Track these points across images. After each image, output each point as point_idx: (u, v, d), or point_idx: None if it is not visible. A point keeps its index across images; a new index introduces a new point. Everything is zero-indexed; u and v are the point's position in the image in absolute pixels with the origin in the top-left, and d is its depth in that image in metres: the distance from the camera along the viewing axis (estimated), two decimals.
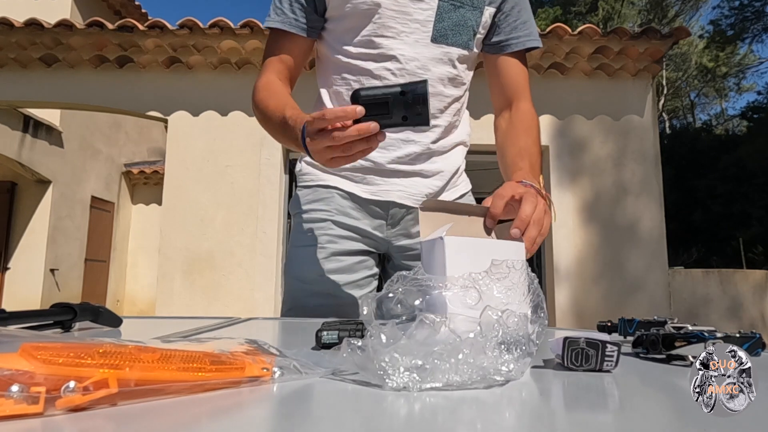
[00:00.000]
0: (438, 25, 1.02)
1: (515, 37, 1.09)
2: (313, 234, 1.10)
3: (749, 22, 17.30)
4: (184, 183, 4.57)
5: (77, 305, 0.68)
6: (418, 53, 1.02)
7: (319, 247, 1.09)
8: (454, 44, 1.04)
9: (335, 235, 1.09)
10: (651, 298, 4.49)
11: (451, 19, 1.03)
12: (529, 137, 1.03)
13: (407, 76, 1.02)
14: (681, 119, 21.09)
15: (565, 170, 4.65)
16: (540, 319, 0.48)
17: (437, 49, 1.03)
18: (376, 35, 1.01)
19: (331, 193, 1.10)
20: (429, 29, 1.02)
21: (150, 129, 10.26)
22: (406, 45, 1.02)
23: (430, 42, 1.02)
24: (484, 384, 0.40)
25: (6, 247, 7.60)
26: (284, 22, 1.04)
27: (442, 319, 0.41)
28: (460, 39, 1.05)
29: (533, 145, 1.01)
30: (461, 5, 1.03)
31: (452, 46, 1.04)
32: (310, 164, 1.15)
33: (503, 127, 1.09)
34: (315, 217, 1.11)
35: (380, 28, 1.01)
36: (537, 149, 1.02)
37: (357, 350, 0.39)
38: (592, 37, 4.44)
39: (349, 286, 1.07)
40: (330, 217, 1.09)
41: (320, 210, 1.10)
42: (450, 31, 1.03)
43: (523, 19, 1.10)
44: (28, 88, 4.79)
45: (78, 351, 0.32)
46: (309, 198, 1.13)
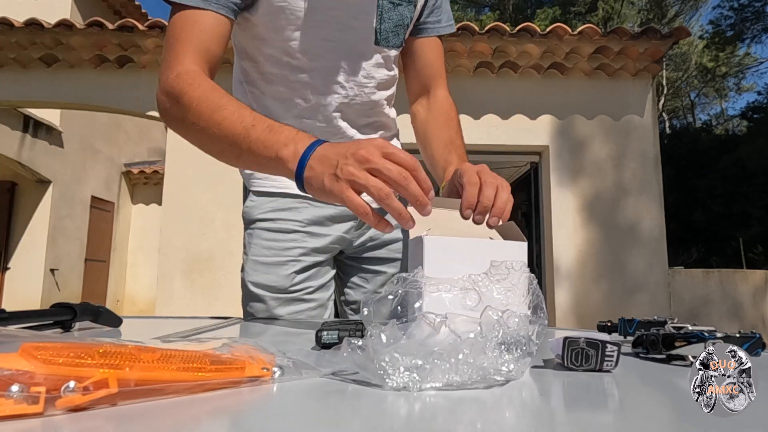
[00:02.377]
0: (380, 26, 0.97)
1: (431, 22, 1.06)
2: (283, 245, 1.03)
3: (749, 22, 17.30)
4: (184, 183, 4.57)
5: (77, 305, 0.69)
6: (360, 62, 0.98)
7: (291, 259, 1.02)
8: (394, 46, 1.01)
9: (310, 247, 1.04)
10: (651, 298, 4.49)
11: (391, 19, 0.97)
12: (450, 128, 1.01)
13: (356, 87, 0.99)
14: (681, 119, 21.10)
15: (565, 170, 4.65)
16: (540, 319, 0.48)
17: (378, 54, 0.99)
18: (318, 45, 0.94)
19: (302, 203, 1.04)
20: (371, 34, 0.97)
21: (150, 129, 10.26)
22: (351, 54, 0.97)
23: (373, 45, 0.98)
24: (484, 384, 0.40)
25: (6, 247, 7.60)
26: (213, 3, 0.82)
27: (443, 318, 0.41)
28: (399, 40, 1.01)
29: (456, 136, 1.00)
30: (400, 3, 0.98)
31: (393, 48, 1.01)
32: None
33: (422, 114, 1.08)
34: (284, 227, 1.03)
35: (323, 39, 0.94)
36: (460, 140, 1.00)
37: (357, 350, 0.40)
38: (592, 37, 4.44)
39: (320, 289, 1.06)
40: (302, 227, 1.03)
41: (290, 220, 1.03)
42: (391, 33, 0.99)
43: (439, 4, 1.06)
44: (28, 88, 4.79)
45: (78, 351, 0.32)
46: (273, 206, 1.05)
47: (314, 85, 0.97)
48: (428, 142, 1.01)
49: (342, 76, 0.97)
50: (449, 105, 1.07)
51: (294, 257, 1.03)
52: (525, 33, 4.38)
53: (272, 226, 1.04)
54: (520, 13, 17.95)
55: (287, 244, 1.03)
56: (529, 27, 4.44)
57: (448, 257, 0.62)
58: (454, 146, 0.97)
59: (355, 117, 1.03)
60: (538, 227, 4.90)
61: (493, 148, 4.61)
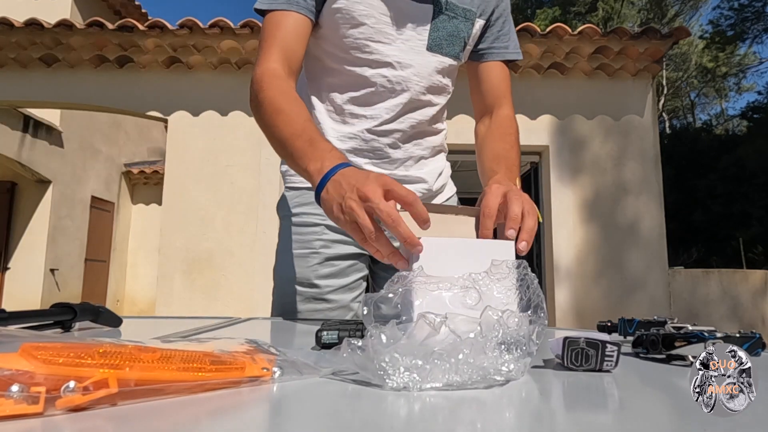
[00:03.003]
0: (433, 34, 1.02)
1: (497, 47, 1.10)
2: (306, 238, 1.08)
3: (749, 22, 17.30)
4: (184, 183, 4.57)
5: (77, 305, 0.69)
6: (413, 60, 1.01)
7: (312, 251, 1.07)
8: (447, 54, 1.04)
9: (329, 239, 1.07)
10: (651, 298, 4.49)
11: (445, 29, 1.02)
12: (505, 142, 1.03)
13: (403, 83, 1.01)
14: (681, 119, 21.10)
15: (566, 170, 4.65)
16: (540, 319, 0.48)
17: (432, 57, 1.03)
18: (371, 39, 0.99)
19: None
20: (424, 38, 1.01)
21: (150, 129, 10.26)
22: (402, 52, 1.00)
23: (425, 50, 1.02)
24: (484, 384, 0.40)
25: (6, 247, 7.60)
26: (291, 2, 0.94)
27: (442, 318, 0.41)
28: (453, 50, 1.05)
29: (510, 150, 1.01)
30: (455, 16, 1.03)
31: (446, 56, 1.04)
32: None
33: (482, 132, 1.09)
34: (307, 221, 1.09)
35: (376, 33, 0.99)
36: (514, 153, 1.01)
37: (357, 350, 0.39)
38: (592, 37, 4.44)
39: (341, 290, 1.07)
40: (323, 221, 1.07)
41: (312, 214, 1.09)
42: (445, 41, 1.03)
43: (505, 31, 1.11)
44: (28, 88, 4.79)
45: (78, 351, 0.32)
46: (299, 201, 1.11)
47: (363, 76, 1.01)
48: (481, 155, 1.03)
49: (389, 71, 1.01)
50: (509, 122, 1.08)
51: (315, 249, 1.07)
52: (525, 33, 4.38)
53: (297, 220, 1.11)
54: (520, 13, 17.95)
55: (308, 237, 1.08)
56: (529, 27, 4.44)
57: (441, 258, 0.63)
58: (504, 159, 0.97)
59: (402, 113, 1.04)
60: (538, 227, 4.89)
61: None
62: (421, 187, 1.10)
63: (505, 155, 0.99)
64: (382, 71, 1.01)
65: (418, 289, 0.52)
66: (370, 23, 0.98)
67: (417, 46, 1.01)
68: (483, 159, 1.02)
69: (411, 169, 1.09)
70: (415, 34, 1.01)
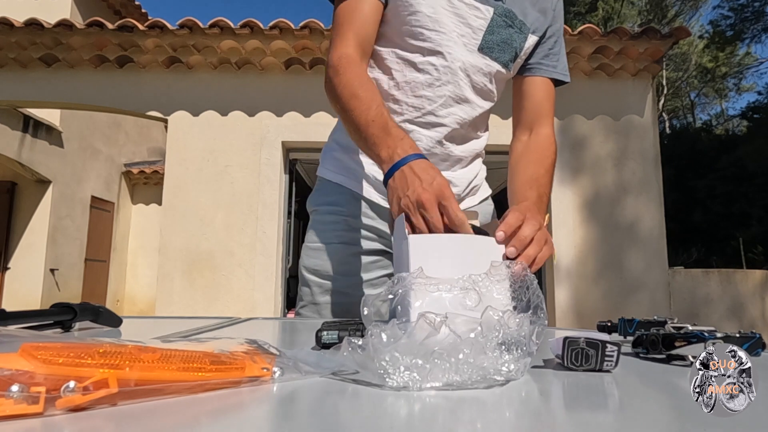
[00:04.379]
0: (488, 36, 1.02)
1: (546, 64, 1.10)
2: (330, 232, 1.10)
3: (749, 22, 17.29)
4: (184, 183, 4.57)
5: (77, 305, 0.68)
6: (463, 56, 1.01)
7: (335, 245, 1.08)
8: (497, 60, 1.04)
9: (352, 234, 1.08)
10: (651, 297, 4.49)
11: (500, 34, 1.02)
12: (541, 166, 1.01)
13: (449, 74, 1.01)
14: (681, 119, 21.10)
15: (566, 170, 4.65)
16: (540, 319, 0.48)
17: (481, 59, 1.03)
18: (427, 28, 0.99)
19: (346, 192, 1.10)
20: (478, 38, 1.01)
21: (150, 129, 10.26)
22: (454, 44, 1.00)
23: (476, 50, 1.02)
24: (484, 384, 0.40)
25: (6, 247, 7.60)
26: None
27: (442, 318, 0.41)
28: (504, 57, 1.04)
29: (545, 175, 0.99)
30: (511, 25, 1.03)
31: (495, 61, 1.04)
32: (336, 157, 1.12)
33: (518, 150, 1.07)
34: (332, 216, 1.10)
35: (432, 22, 0.99)
36: (547, 179, 0.99)
37: (357, 349, 0.39)
38: (592, 37, 4.44)
39: (364, 285, 1.07)
40: (344, 215, 1.09)
41: (337, 207, 1.10)
42: (497, 46, 1.03)
43: (556, 50, 1.12)
44: (28, 88, 4.79)
45: (78, 351, 0.32)
46: (327, 195, 1.13)
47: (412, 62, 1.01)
48: (514, 176, 1.02)
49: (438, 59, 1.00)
50: (548, 143, 1.06)
51: (335, 242, 1.09)
52: None
53: (321, 215, 1.13)
54: None
55: (332, 230, 1.10)
56: None
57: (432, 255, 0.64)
58: (538, 184, 0.96)
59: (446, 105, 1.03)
60: None
61: (494, 148, 4.57)
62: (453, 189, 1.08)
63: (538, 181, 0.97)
64: (431, 59, 1.00)
65: (418, 290, 0.52)
66: (426, 11, 0.98)
67: (470, 44, 1.01)
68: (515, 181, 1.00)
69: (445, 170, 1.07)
70: (470, 32, 1.01)
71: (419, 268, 0.55)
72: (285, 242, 4.64)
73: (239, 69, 4.71)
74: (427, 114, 1.02)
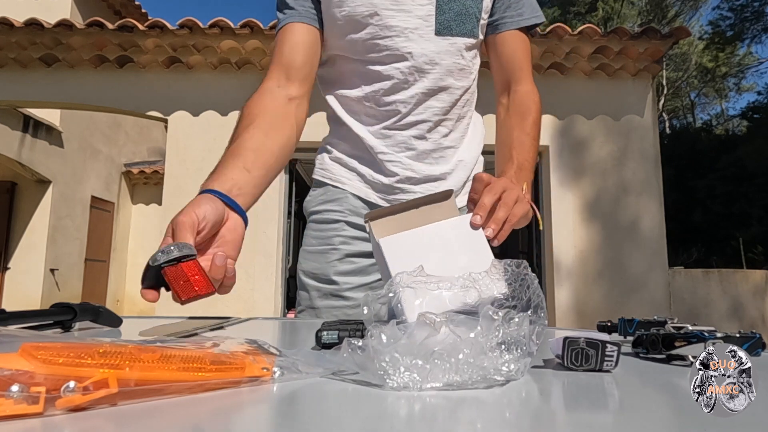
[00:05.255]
0: (440, 17, 0.99)
1: (510, 15, 1.05)
2: (327, 235, 1.08)
3: (749, 22, 17.30)
4: (184, 183, 4.57)
5: (77, 305, 0.68)
6: (424, 48, 0.99)
7: (332, 248, 1.07)
8: (459, 34, 1.00)
9: (349, 236, 1.07)
10: (651, 297, 4.49)
11: (452, 9, 0.99)
12: (521, 130, 0.99)
13: (416, 73, 0.99)
14: (681, 119, 21.10)
15: (566, 170, 4.65)
16: (540, 319, 0.48)
17: (443, 41, 1.00)
18: (378, 37, 0.98)
19: (344, 194, 1.08)
20: (431, 24, 0.99)
21: (150, 129, 10.26)
22: (412, 42, 0.98)
23: (434, 36, 0.99)
24: (484, 384, 0.40)
25: (6, 247, 7.60)
26: (293, 15, 0.99)
27: (442, 318, 0.41)
28: (465, 28, 1.01)
29: (525, 138, 0.97)
30: None
31: (458, 36, 1.00)
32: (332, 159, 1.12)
33: (501, 116, 1.06)
34: (328, 218, 1.09)
35: (382, 29, 0.98)
36: (529, 142, 0.97)
37: (357, 350, 0.39)
38: (592, 37, 4.44)
39: (361, 288, 1.05)
40: (343, 217, 1.07)
41: (333, 210, 1.08)
42: (453, 22, 0.99)
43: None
44: (28, 88, 4.79)
45: (78, 351, 0.32)
46: (322, 198, 1.11)
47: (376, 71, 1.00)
48: (497, 146, 1.02)
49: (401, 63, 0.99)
50: (529, 100, 1.04)
51: (334, 245, 1.07)
52: None
53: (319, 217, 1.10)
54: None
55: (328, 233, 1.08)
56: None
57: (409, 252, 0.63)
58: (518, 151, 0.95)
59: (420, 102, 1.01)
60: (538, 227, 4.89)
61: (494, 148, 4.61)
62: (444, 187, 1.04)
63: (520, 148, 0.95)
64: (394, 65, 0.99)
65: (418, 288, 0.53)
66: (374, 21, 0.97)
67: (426, 34, 0.98)
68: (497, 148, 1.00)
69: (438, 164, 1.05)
70: (422, 22, 0.98)
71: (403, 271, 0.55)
72: (285, 242, 4.64)
73: (239, 69, 4.71)
74: (404, 116, 1.01)
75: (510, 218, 0.71)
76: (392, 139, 1.02)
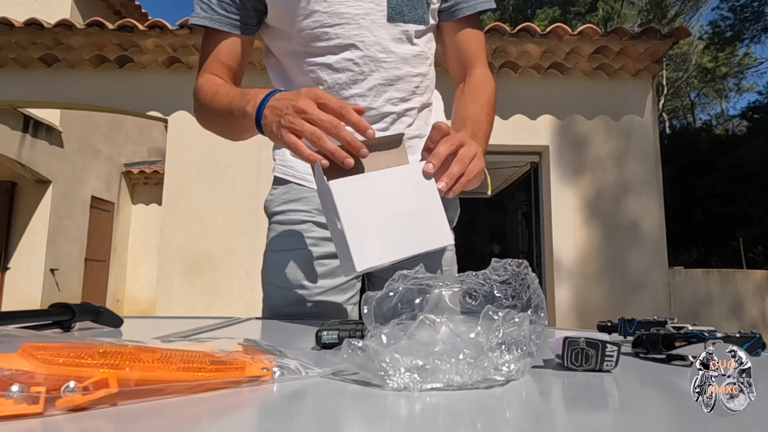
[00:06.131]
0: (392, 2, 0.95)
1: (461, 2, 1.02)
2: (293, 237, 1.02)
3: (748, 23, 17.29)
4: (184, 183, 4.57)
5: (76, 305, 0.68)
6: (377, 36, 0.95)
7: (299, 250, 1.01)
8: (410, 21, 0.97)
9: (317, 237, 1.01)
10: (651, 297, 4.49)
11: None
12: (475, 103, 0.97)
13: (370, 63, 0.95)
14: (681, 119, 21.09)
15: (566, 170, 4.65)
16: (540, 319, 0.48)
17: (395, 28, 0.96)
18: (328, 25, 0.93)
19: (309, 192, 1.02)
20: (383, 8, 0.95)
21: (150, 129, 10.26)
22: (363, 29, 0.94)
23: (386, 22, 0.95)
24: (484, 384, 0.40)
25: (6, 247, 7.60)
26: (213, 20, 0.95)
27: (443, 319, 0.41)
28: (416, 14, 0.98)
29: (479, 111, 0.95)
30: None
31: (409, 23, 0.97)
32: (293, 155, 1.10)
33: (457, 95, 1.04)
34: (294, 219, 1.03)
35: (331, 16, 0.93)
36: (483, 115, 0.95)
37: (357, 351, 0.39)
38: (592, 37, 4.44)
39: (332, 291, 1.00)
40: (310, 218, 1.01)
41: (299, 210, 1.03)
42: (405, 7, 0.96)
43: None
44: (28, 88, 4.79)
45: (78, 351, 0.32)
46: (285, 197, 1.05)
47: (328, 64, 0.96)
48: (453, 120, 0.99)
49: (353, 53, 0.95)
50: (483, 80, 1.02)
51: (302, 247, 1.01)
52: (525, 33, 4.38)
53: (284, 218, 1.05)
54: (520, 13, 17.95)
55: (295, 235, 1.02)
56: (529, 27, 4.44)
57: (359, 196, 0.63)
58: (471, 120, 0.93)
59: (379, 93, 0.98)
60: (538, 227, 4.90)
61: (493, 148, 4.61)
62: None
63: (472, 117, 0.94)
64: (345, 55, 0.95)
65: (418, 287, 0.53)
66: (322, 8, 0.93)
67: (378, 19, 0.95)
68: (453, 122, 0.97)
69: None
70: (373, 6, 0.95)
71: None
72: None
73: None
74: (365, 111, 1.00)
75: (467, 173, 0.71)
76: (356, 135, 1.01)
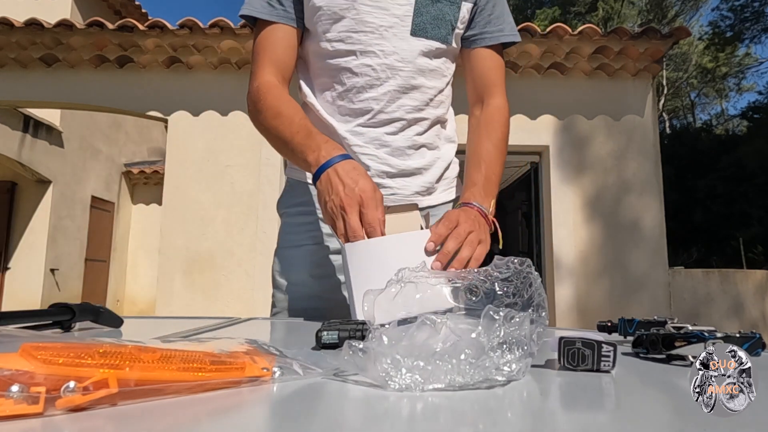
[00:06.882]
0: (417, 19, 1.00)
1: (489, 31, 1.07)
2: (303, 234, 1.06)
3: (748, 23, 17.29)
4: (184, 183, 4.57)
5: (76, 305, 0.68)
6: (397, 47, 1.00)
7: (308, 247, 1.05)
8: (433, 38, 1.02)
9: (326, 234, 1.05)
10: (651, 297, 4.49)
11: (429, 13, 1.01)
12: (489, 141, 1.03)
13: (387, 70, 1.00)
14: (681, 119, 21.09)
15: (566, 170, 4.65)
16: (541, 318, 0.48)
17: (417, 41, 1.01)
18: (353, 31, 0.99)
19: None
20: (408, 23, 1.00)
21: (150, 129, 10.26)
22: (385, 40, 0.99)
23: (409, 35, 1.00)
24: (486, 384, 0.40)
25: (6, 247, 7.60)
26: (273, 14, 1.00)
27: (444, 319, 0.41)
28: (439, 33, 1.02)
29: (493, 150, 1.02)
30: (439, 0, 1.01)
31: (431, 40, 1.02)
32: None
33: (472, 127, 1.08)
34: (306, 216, 1.07)
35: (358, 23, 0.98)
36: (496, 154, 1.02)
37: (358, 352, 0.39)
38: (592, 37, 4.44)
39: (341, 287, 1.03)
40: (320, 215, 1.04)
41: (307, 209, 1.07)
42: (429, 25, 1.01)
43: (497, 14, 1.08)
44: (28, 88, 4.79)
45: (78, 351, 0.32)
46: (296, 196, 1.09)
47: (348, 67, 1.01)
48: (468, 153, 1.05)
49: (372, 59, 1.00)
50: (499, 113, 1.07)
51: (309, 243, 1.06)
52: (525, 33, 4.38)
53: (292, 217, 1.10)
54: (520, 13, 17.95)
55: (304, 233, 1.07)
56: (529, 27, 4.44)
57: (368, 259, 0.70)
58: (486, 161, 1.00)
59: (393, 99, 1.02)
60: (538, 227, 4.90)
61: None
62: (419, 182, 1.05)
63: (486, 158, 1.00)
64: (365, 60, 1.00)
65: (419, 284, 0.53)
66: (350, 15, 0.98)
67: (401, 33, 1.00)
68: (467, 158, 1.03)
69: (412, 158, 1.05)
70: (398, 21, 0.99)
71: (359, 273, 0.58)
72: None
73: (239, 69, 4.71)
74: (377, 114, 1.01)
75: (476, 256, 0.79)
76: (365, 136, 1.02)
